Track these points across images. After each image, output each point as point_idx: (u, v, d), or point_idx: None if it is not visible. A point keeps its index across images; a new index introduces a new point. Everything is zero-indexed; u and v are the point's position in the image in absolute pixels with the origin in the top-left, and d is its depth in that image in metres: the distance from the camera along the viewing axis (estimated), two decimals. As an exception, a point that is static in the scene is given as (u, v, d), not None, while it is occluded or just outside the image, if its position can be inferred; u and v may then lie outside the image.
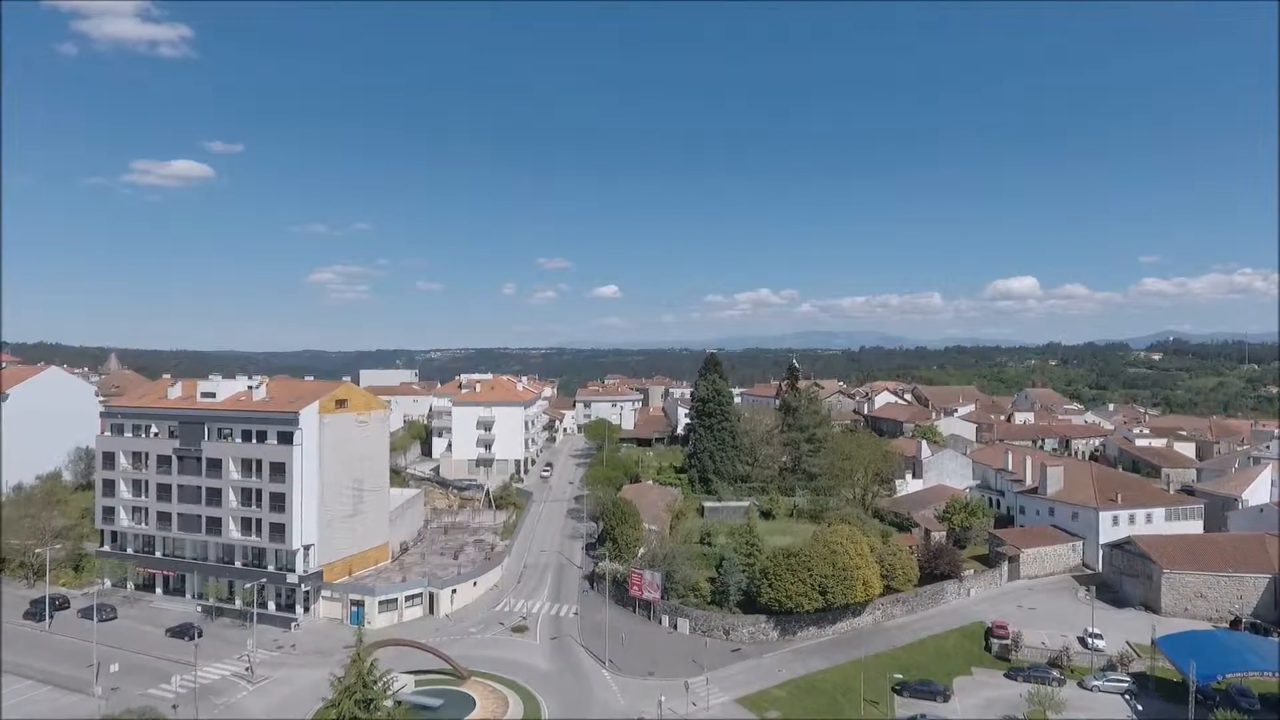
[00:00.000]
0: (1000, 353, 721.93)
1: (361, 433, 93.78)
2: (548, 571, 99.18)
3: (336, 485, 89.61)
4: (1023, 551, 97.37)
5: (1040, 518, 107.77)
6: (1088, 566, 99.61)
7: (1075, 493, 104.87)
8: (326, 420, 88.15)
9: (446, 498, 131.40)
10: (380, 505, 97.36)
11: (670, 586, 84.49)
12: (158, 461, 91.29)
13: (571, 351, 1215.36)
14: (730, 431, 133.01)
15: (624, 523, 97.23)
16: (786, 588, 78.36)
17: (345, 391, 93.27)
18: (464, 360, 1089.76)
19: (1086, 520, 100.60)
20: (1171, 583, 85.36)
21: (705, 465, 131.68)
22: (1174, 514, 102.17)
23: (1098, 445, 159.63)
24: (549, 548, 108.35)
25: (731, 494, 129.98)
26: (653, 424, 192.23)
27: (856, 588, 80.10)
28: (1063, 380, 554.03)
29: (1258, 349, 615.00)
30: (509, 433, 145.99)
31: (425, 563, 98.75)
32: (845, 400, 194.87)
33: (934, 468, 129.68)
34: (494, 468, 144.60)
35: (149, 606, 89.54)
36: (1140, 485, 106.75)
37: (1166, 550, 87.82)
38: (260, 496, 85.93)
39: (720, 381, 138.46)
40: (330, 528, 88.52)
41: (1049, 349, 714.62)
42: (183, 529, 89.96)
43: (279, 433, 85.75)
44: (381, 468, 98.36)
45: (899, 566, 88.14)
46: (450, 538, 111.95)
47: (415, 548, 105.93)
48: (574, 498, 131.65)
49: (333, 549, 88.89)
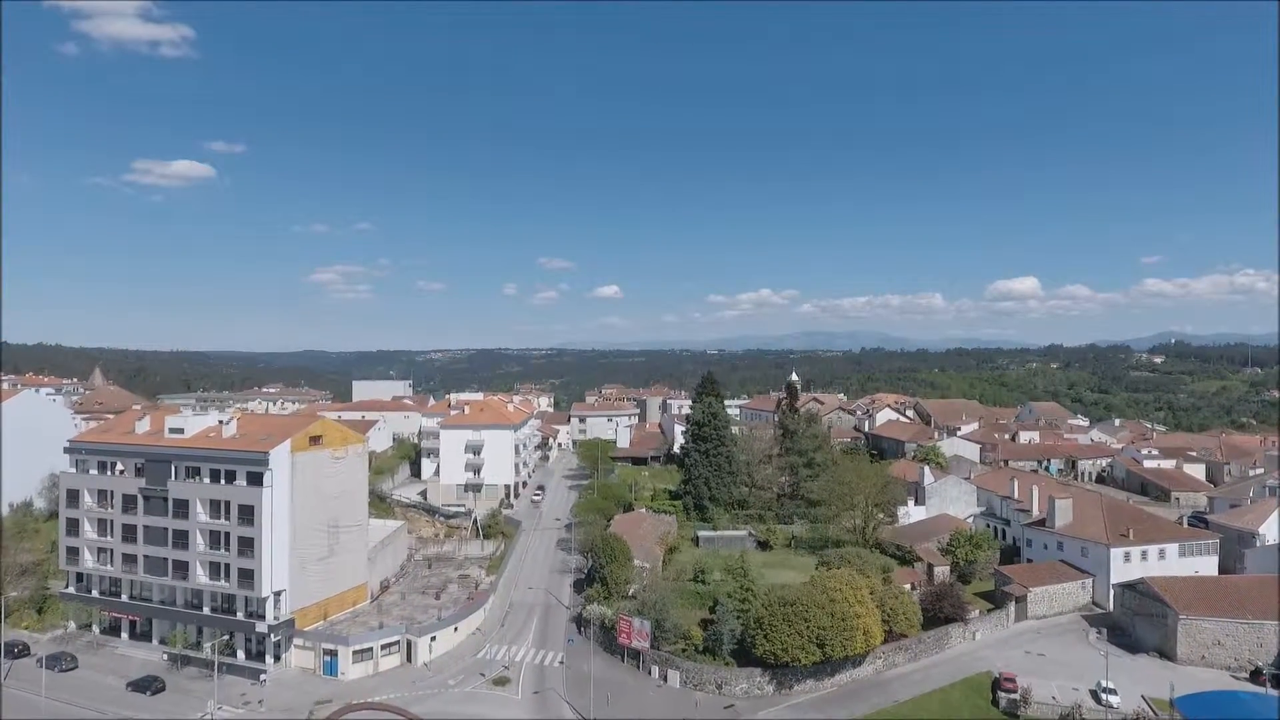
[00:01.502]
0: (1002, 355, 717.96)
1: (337, 470, 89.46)
2: (534, 612, 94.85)
3: (310, 526, 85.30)
4: (1030, 591, 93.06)
5: (1048, 552, 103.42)
6: (1098, 605, 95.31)
7: (1085, 526, 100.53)
8: (299, 459, 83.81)
9: (433, 525, 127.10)
10: (358, 544, 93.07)
11: (661, 635, 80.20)
12: (123, 500, 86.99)
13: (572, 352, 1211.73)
14: (727, 457, 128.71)
15: (614, 560, 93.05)
16: (783, 639, 73.92)
17: (320, 427, 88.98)
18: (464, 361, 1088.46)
19: (1097, 557, 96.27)
20: (1188, 629, 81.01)
21: (701, 492, 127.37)
22: (1188, 550, 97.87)
23: (1105, 466, 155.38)
24: (536, 584, 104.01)
25: (728, 521, 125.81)
26: (649, 441, 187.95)
27: (856, 638, 75.67)
28: (1065, 384, 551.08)
29: (1260, 352, 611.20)
30: (499, 457, 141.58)
31: (405, 603, 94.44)
32: (845, 417, 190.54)
33: (937, 494, 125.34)
34: (483, 493, 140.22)
35: (113, 653, 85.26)
36: (1152, 519, 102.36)
37: (1182, 594, 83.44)
38: (228, 540, 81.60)
39: (717, 404, 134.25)
40: (303, 571, 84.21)
41: (1050, 351, 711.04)
42: (149, 572, 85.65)
43: (248, 473, 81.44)
44: (359, 505, 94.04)
45: (901, 610, 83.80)
46: (434, 572, 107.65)
47: (396, 585, 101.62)
48: (565, 525, 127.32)
49: (306, 593, 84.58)
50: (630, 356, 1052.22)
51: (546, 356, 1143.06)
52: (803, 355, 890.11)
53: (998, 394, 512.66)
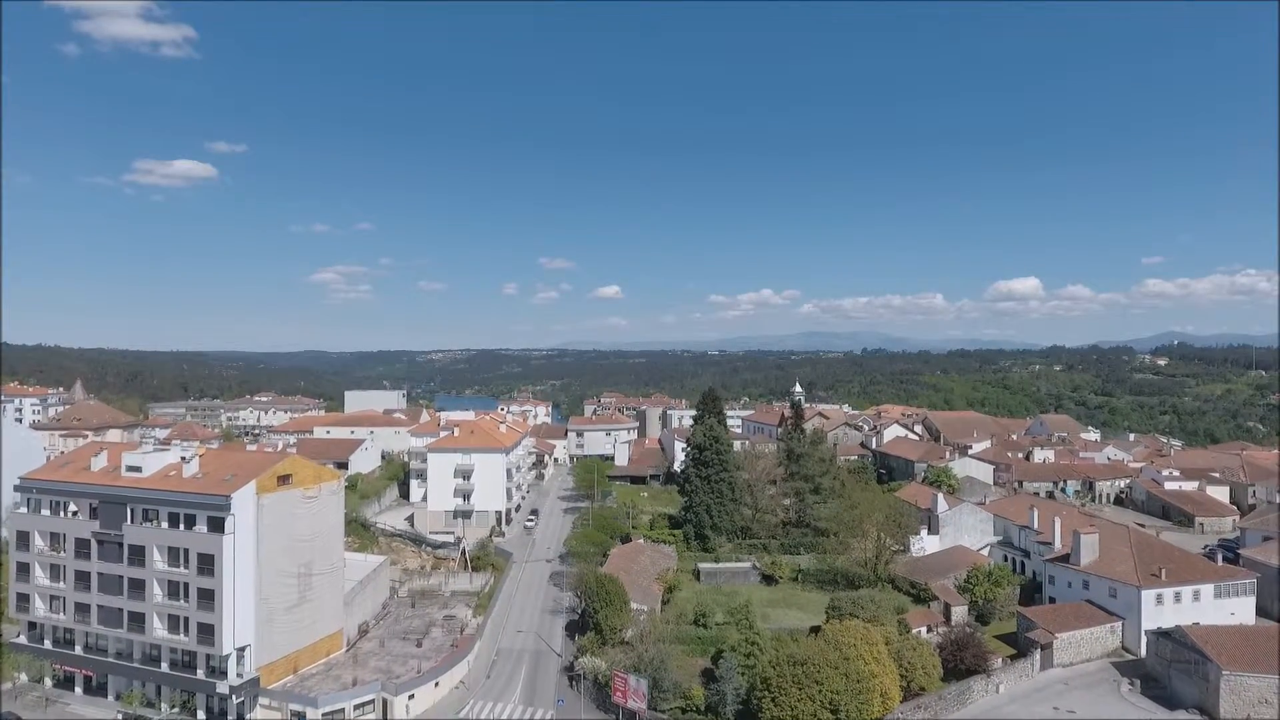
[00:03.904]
0: (1003, 356, 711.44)
1: (309, 510, 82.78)
2: (523, 660, 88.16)
3: (278, 574, 78.62)
4: (1056, 637, 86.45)
5: (1073, 591, 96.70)
6: (1128, 651, 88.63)
7: (1113, 564, 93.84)
8: (266, 501, 77.14)
9: (419, 557, 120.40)
10: (333, 589, 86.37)
11: (658, 694, 73.59)
12: (76, 544, 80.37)
13: (573, 353, 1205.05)
14: (729, 483, 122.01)
15: (608, 605, 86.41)
16: (792, 704, 67.20)
17: (289, 465, 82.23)
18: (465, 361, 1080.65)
19: (1127, 599, 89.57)
20: (1232, 686, 74.24)
21: (702, 520, 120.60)
22: (1223, 591, 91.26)
23: (1123, 488, 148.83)
24: (526, 626, 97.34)
25: (730, 552, 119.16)
26: (648, 459, 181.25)
27: (873, 701, 69.23)
28: (1068, 387, 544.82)
29: (1264, 354, 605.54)
30: (489, 481, 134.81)
31: (384, 652, 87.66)
32: (852, 432, 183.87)
33: (951, 523, 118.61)
34: (473, 520, 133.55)
35: (65, 710, 78.66)
36: (1185, 557, 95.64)
37: (1225, 646, 76.71)
38: (187, 590, 74.96)
39: (718, 426, 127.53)
40: (270, 623, 77.52)
41: (1052, 352, 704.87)
42: (103, 623, 79.03)
43: (209, 518, 74.79)
44: (334, 546, 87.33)
45: (919, 664, 77.43)
46: (417, 612, 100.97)
47: (376, 628, 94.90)
48: (559, 556, 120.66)
49: (274, 647, 77.92)
50: (631, 357, 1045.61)
51: (547, 357, 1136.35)
52: (804, 357, 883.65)
53: (1001, 397, 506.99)
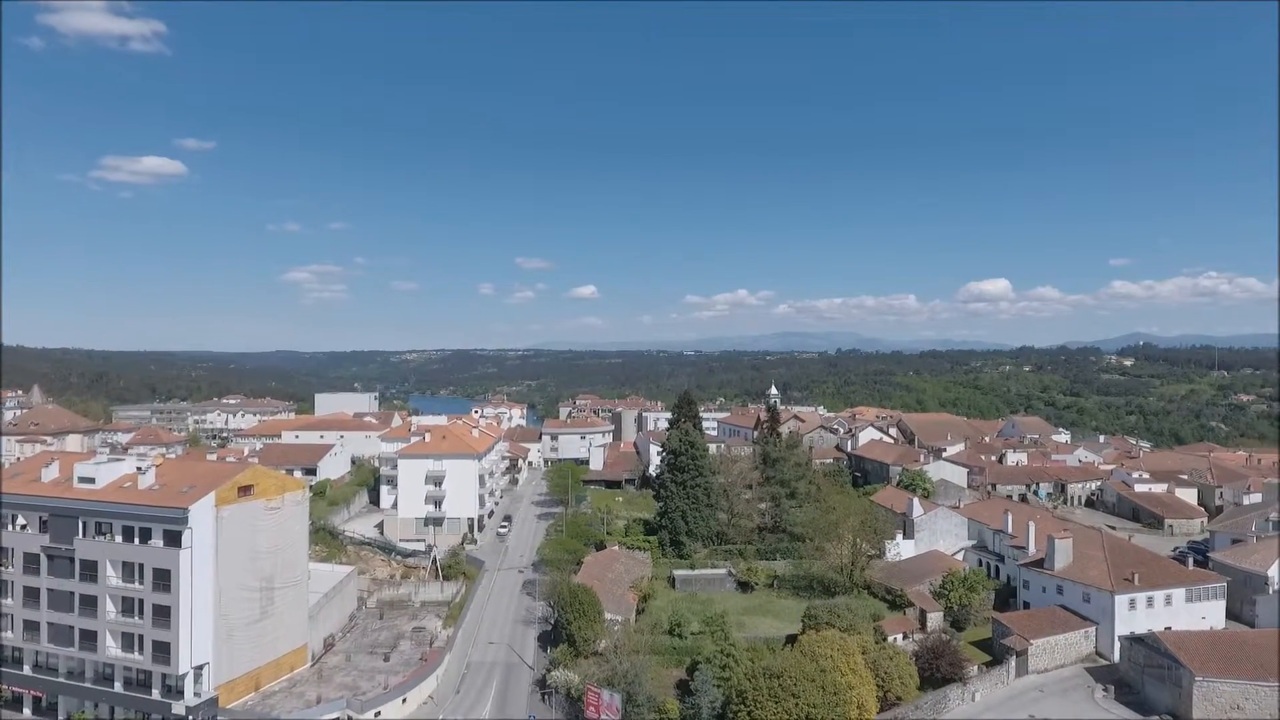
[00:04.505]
0: (974, 356, 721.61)
1: (272, 522, 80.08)
2: (494, 674, 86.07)
3: (239, 588, 75.92)
4: (1031, 644, 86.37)
5: (1047, 595, 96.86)
6: (1101, 655, 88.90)
7: (1086, 569, 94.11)
8: (226, 513, 74.41)
9: (389, 566, 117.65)
10: (296, 602, 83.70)
11: (632, 708, 72.07)
12: (24, 559, 76.93)
13: (549, 353, 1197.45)
14: (704, 488, 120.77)
15: (582, 616, 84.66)
16: (768, 717, 66.29)
17: (251, 476, 79.48)
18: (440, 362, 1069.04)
19: (1100, 604, 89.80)
20: (1204, 692, 74.52)
21: (677, 526, 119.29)
22: (1195, 594, 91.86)
23: (1094, 489, 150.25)
24: (498, 637, 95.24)
25: (706, 558, 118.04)
26: (623, 463, 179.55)
27: (850, 713, 68.42)
28: (1038, 387, 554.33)
29: (1226, 355, 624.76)
30: (461, 488, 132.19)
31: (350, 666, 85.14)
32: (827, 435, 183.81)
33: (926, 527, 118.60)
34: (444, 527, 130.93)
35: (13, 733, 75.43)
36: (1157, 561, 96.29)
37: (1197, 652, 77.00)
38: (142, 607, 72.02)
39: (694, 432, 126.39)
40: (230, 640, 74.80)
41: (1022, 353, 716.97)
42: (53, 641, 75.80)
43: (165, 531, 71.90)
44: (298, 559, 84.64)
45: (896, 673, 76.94)
46: (386, 624, 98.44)
47: (343, 642, 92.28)
48: (532, 564, 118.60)
49: (234, 664, 75.22)
50: (607, 358, 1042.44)
51: (523, 357, 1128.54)
52: (779, 357, 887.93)
53: (973, 398, 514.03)
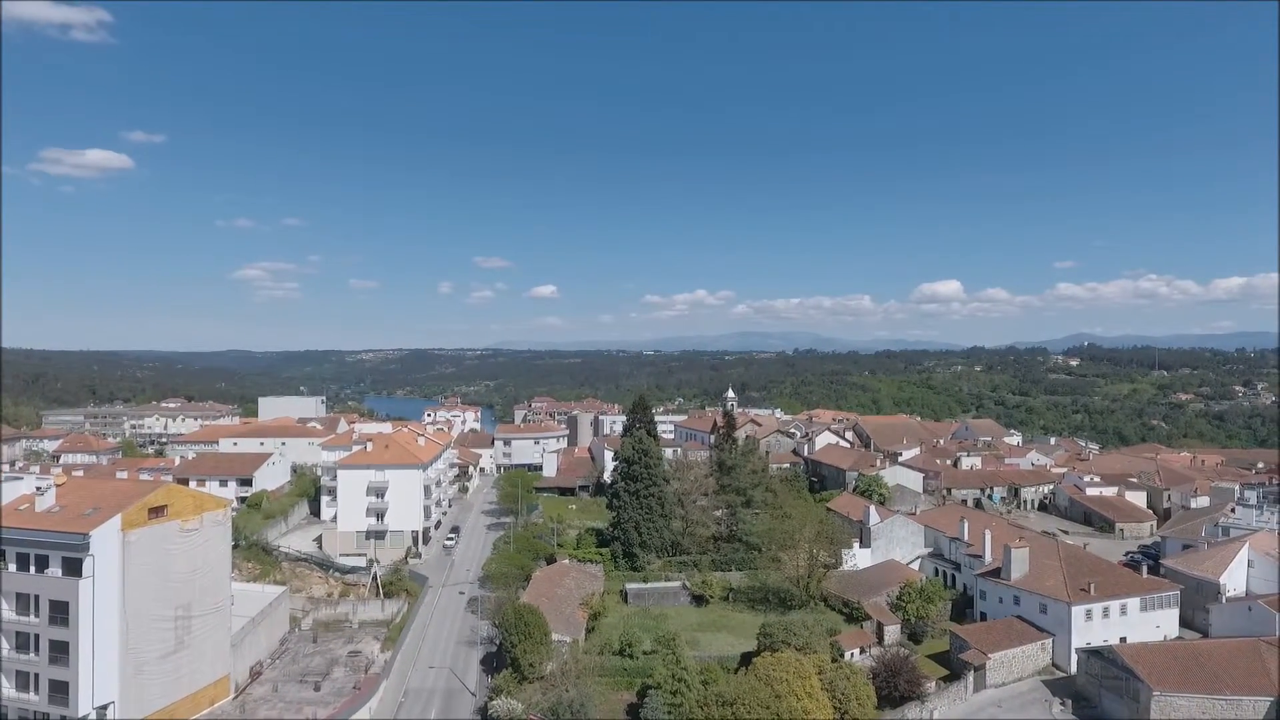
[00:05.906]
0: (928, 356, 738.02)
1: (189, 545, 73.96)
2: (434, 701, 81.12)
3: (150, 619, 69.77)
4: (989, 658, 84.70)
5: (1004, 606, 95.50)
6: (1058, 668, 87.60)
7: (1043, 579, 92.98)
8: (134, 538, 68.21)
9: (326, 583, 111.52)
10: (218, 629, 77.62)
11: (579, 740, 68.08)
12: (-93, 591, 69.55)
13: (508, 353, 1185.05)
14: (659, 498, 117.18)
15: (527, 638, 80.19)
16: (721, 748, 63.03)
17: (165, 495, 73.26)
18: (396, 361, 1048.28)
19: (1057, 615, 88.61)
20: (1162, 706, 73.32)
21: (631, 537, 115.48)
22: (1149, 604, 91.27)
23: (1047, 494, 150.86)
24: (440, 660, 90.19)
25: (660, 569, 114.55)
26: (578, 469, 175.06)
27: (806, 739, 65.52)
28: (988, 387, 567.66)
29: (1165, 355, 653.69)
30: (405, 499, 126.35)
31: (277, 698, 79.36)
32: (784, 440, 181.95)
33: (883, 535, 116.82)
34: (387, 540, 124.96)
35: (-107, 784, 68.00)
36: (1112, 570, 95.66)
37: (1155, 665, 75.88)
38: (38, 643, 65.54)
39: (648, 439, 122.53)
40: (140, 675, 68.65)
41: (973, 353, 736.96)
42: (-61, 681, 68.59)
43: (64, 559, 65.50)
44: (219, 583, 78.51)
45: (853, 694, 74.23)
46: (320, 647, 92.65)
47: (271, 669, 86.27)
48: (478, 579, 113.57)
49: (144, 702, 69.05)
50: (566, 357, 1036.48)
51: (481, 357, 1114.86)
52: (738, 356, 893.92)
53: (926, 397, 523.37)
